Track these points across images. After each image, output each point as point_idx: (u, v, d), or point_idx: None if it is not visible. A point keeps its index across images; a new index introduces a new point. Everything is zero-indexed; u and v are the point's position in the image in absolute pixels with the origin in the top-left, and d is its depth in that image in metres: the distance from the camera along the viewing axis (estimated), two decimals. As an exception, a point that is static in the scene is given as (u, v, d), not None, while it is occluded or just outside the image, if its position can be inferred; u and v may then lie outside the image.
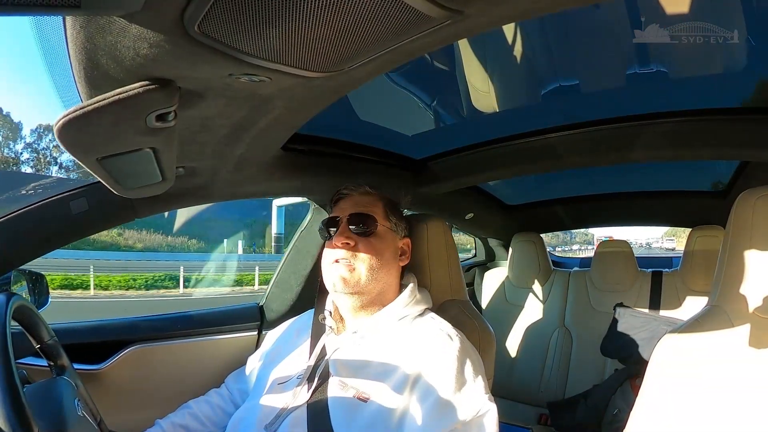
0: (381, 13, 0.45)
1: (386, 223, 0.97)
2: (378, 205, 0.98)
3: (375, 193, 1.00)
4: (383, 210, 0.98)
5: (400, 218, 1.01)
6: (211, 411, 1.07)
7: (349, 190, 1.00)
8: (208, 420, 1.05)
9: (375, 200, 0.99)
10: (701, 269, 1.97)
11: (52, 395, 0.69)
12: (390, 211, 0.99)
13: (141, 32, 0.44)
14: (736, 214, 0.81)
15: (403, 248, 1.00)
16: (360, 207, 0.96)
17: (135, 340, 1.17)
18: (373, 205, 0.97)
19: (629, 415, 0.81)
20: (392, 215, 0.99)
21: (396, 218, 1.00)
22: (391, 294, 0.96)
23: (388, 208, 0.99)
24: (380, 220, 0.96)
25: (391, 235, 0.97)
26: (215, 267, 15.31)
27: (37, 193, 5.19)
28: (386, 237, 0.96)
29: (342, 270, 0.91)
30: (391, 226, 0.98)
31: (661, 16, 0.91)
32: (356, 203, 0.97)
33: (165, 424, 1.00)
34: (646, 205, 2.24)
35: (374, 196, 1.00)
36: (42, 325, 0.76)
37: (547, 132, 1.29)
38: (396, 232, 0.99)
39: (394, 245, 0.98)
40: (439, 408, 0.78)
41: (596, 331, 2.05)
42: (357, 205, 0.96)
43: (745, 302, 0.76)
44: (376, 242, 0.94)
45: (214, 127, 0.73)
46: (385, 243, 0.95)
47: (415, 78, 1.19)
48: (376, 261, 0.92)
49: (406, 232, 1.02)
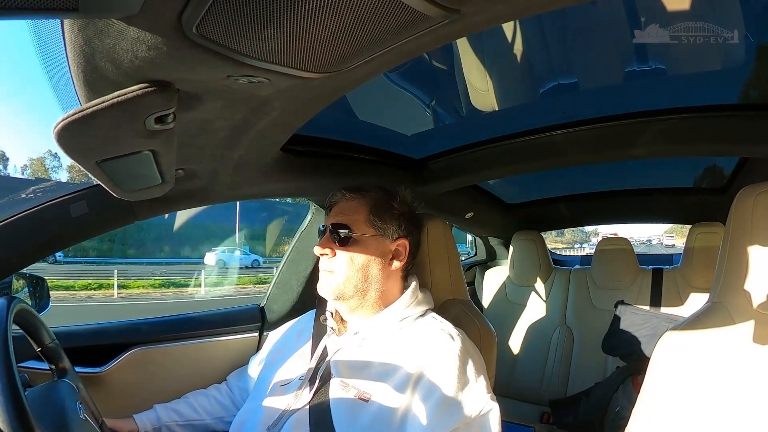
0: (379, 13, 0.45)
1: (368, 230, 0.94)
2: (361, 211, 0.96)
3: (361, 196, 0.98)
4: (366, 215, 0.95)
5: (390, 220, 0.97)
6: (207, 402, 1.12)
7: (336, 198, 1.00)
8: (202, 409, 1.10)
9: (358, 206, 0.97)
10: (702, 266, 1.97)
11: (53, 398, 0.69)
12: (375, 215, 0.96)
13: (139, 35, 0.44)
14: (736, 210, 0.81)
15: (397, 249, 0.97)
16: (340, 216, 0.96)
17: (136, 343, 1.17)
18: (355, 212, 0.96)
19: (631, 413, 0.81)
20: (378, 219, 0.96)
21: (384, 221, 0.96)
22: (392, 295, 0.96)
23: (373, 212, 0.96)
24: (359, 227, 0.94)
25: (374, 241, 0.95)
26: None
27: (37, 196, 5.19)
28: (368, 242, 0.94)
29: (324, 277, 0.95)
30: (375, 231, 0.95)
31: (659, 15, 0.91)
32: (339, 211, 0.97)
33: (159, 408, 1.06)
34: (645, 202, 2.24)
35: (359, 200, 0.97)
36: (43, 328, 0.76)
37: (547, 130, 1.29)
38: (384, 235, 0.96)
39: (380, 249, 0.95)
40: (442, 408, 0.78)
41: (597, 328, 2.05)
42: (339, 214, 0.96)
43: (746, 298, 0.76)
44: (355, 249, 0.93)
45: (213, 128, 0.73)
46: (367, 249, 0.94)
47: (413, 77, 1.19)
48: (354, 268, 0.92)
49: (401, 232, 0.98)
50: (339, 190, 1.00)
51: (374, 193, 0.99)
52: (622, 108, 1.20)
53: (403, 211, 0.99)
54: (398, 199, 0.99)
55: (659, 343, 0.81)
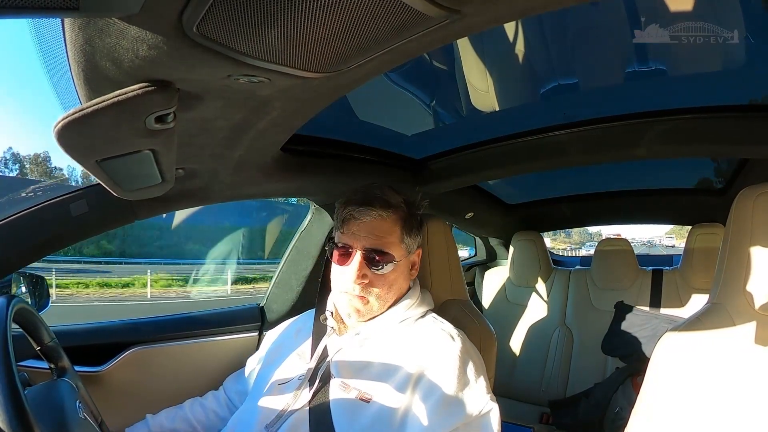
0: (379, 13, 0.45)
1: (402, 252, 0.91)
2: (394, 231, 0.89)
3: (393, 212, 0.89)
4: (400, 235, 0.90)
5: (417, 233, 0.94)
6: (204, 415, 1.09)
7: (360, 213, 0.88)
8: (198, 423, 1.07)
9: (392, 225, 0.89)
10: (702, 267, 1.97)
11: (53, 397, 0.69)
12: (406, 232, 0.91)
13: (140, 34, 0.44)
14: (736, 211, 0.81)
15: (414, 260, 0.96)
16: (376, 240, 0.87)
17: (136, 342, 1.17)
18: (390, 234, 0.89)
19: (631, 413, 0.81)
20: (408, 236, 0.91)
21: (412, 237, 0.92)
22: (397, 297, 0.96)
23: (405, 230, 0.91)
24: (396, 250, 0.89)
25: (405, 260, 0.93)
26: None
27: (37, 195, 5.21)
28: (401, 263, 0.92)
29: (356, 302, 0.90)
30: (406, 249, 0.92)
31: (660, 15, 0.91)
32: (371, 232, 0.87)
33: (152, 423, 1.04)
34: (645, 202, 2.24)
35: (392, 218, 0.89)
36: (42, 327, 0.76)
37: (547, 130, 1.29)
38: (410, 251, 0.94)
39: (407, 265, 0.94)
40: (441, 408, 0.78)
41: (597, 329, 2.05)
42: (372, 236, 0.87)
43: (746, 299, 0.76)
44: (392, 274, 0.90)
45: (213, 128, 0.73)
46: (400, 269, 0.92)
47: (414, 77, 1.19)
48: (389, 289, 0.91)
49: (419, 242, 0.96)
50: (364, 204, 0.88)
51: (403, 207, 0.93)
52: (622, 109, 1.20)
53: (420, 219, 0.97)
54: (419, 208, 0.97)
55: (659, 343, 0.81)
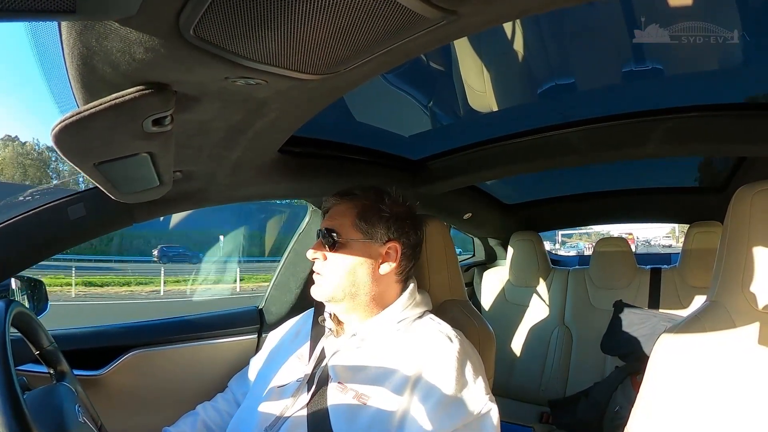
0: (376, 14, 0.45)
1: (354, 234, 0.94)
2: (348, 215, 0.95)
3: (349, 200, 0.98)
4: (353, 219, 0.95)
5: (379, 223, 0.95)
6: (220, 418, 1.07)
7: (329, 202, 1.00)
8: (217, 428, 1.05)
9: (346, 210, 0.96)
10: (700, 265, 1.97)
11: (52, 401, 0.69)
12: (362, 219, 0.95)
13: (137, 37, 0.44)
14: (733, 209, 0.81)
15: (388, 252, 0.95)
16: (329, 220, 0.97)
17: (135, 345, 1.17)
18: (343, 216, 0.96)
19: (630, 412, 0.81)
20: (365, 223, 0.95)
21: (371, 224, 0.95)
22: (389, 298, 0.96)
23: (360, 216, 0.95)
24: (346, 231, 0.94)
25: (361, 245, 0.94)
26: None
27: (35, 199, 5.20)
28: (354, 247, 0.93)
29: (315, 280, 0.96)
30: (362, 235, 0.94)
31: (659, 15, 0.91)
32: (330, 215, 0.98)
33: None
34: (642, 201, 2.24)
35: (347, 204, 0.97)
36: (41, 331, 0.76)
37: (544, 131, 1.29)
38: (372, 239, 0.94)
39: (367, 253, 0.94)
40: (440, 409, 0.78)
41: (596, 328, 2.05)
42: (329, 219, 0.98)
43: (745, 297, 0.76)
44: (342, 253, 0.93)
45: (210, 130, 0.73)
46: (353, 253, 0.93)
47: (411, 78, 1.19)
48: (341, 272, 0.93)
49: (391, 235, 0.96)
50: (332, 195, 1.00)
51: (363, 196, 0.98)
52: (620, 108, 1.21)
53: (395, 213, 0.96)
54: (388, 201, 0.97)
55: (658, 342, 0.81)
